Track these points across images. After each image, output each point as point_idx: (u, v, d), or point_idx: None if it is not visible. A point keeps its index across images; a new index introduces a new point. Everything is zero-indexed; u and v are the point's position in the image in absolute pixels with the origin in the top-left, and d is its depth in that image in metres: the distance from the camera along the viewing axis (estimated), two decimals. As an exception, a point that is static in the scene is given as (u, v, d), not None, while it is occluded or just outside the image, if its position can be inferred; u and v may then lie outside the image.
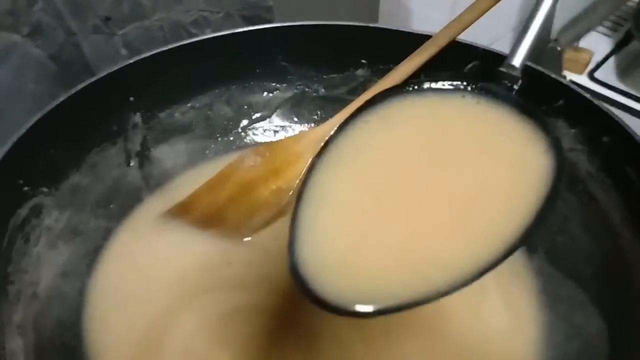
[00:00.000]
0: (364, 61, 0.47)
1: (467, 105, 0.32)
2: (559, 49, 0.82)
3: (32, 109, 0.38)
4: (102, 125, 0.42)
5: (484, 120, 0.32)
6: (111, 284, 0.38)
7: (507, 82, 0.34)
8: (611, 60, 0.85)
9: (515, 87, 0.34)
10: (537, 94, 0.40)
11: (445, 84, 0.33)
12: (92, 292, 0.38)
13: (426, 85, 0.33)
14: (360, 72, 0.47)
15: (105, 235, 0.41)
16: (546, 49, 0.82)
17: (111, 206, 0.42)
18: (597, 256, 0.36)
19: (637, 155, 0.34)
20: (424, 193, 0.29)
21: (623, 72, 0.83)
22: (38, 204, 0.37)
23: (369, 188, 0.30)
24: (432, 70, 0.44)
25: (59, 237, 0.38)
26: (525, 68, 0.40)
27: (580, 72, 0.83)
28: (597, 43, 0.88)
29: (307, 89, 0.48)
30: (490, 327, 0.36)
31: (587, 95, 0.38)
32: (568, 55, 0.83)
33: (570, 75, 0.83)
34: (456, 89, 0.33)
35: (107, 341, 0.35)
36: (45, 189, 0.37)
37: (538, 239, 0.40)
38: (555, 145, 0.29)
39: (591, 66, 0.84)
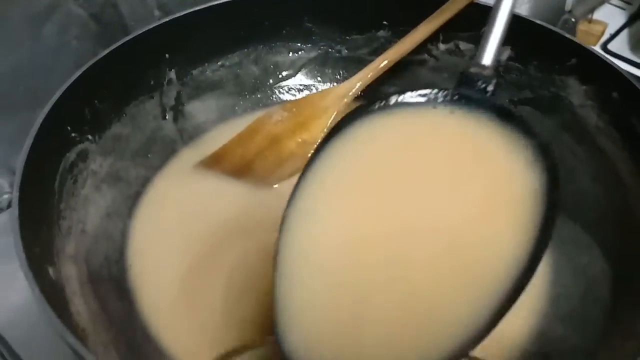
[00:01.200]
0: (385, 23, 0.49)
1: (440, 116, 0.29)
2: (573, 20, 0.82)
3: (76, 64, 0.41)
4: (140, 79, 0.44)
5: (460, 132, 0.28)
6: (151, 226, 0.42)
7: (480, 83, 0.30)
8: (624, 32, 0.86)
9: (490, 88, 0.30)
10: (550, 53, 0.43)
11: (414, 96, 0.29)
12: (134, 233, 0.41)
13: (393, 100, 0.29)
14: (381, 33, 0.49)
15: (144, 182, 0.44)
16: (560, 21, 0.83)
17: (149, 156, 0.45)
18: (603, 203, 0.39)
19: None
20: (410, 242, 0.26)
21: (636, 44, 0.84)
22: (84, 150, 0.40)
23: (350, 247, 0.26)
24: (450, 31, 0.46)
25: (103, 181, 0.41)
26: (538, 28, 0.43)
27: (594, 44, 0.84)
28: (611, 15, 0.88)
29: (330, 50, 0.51)
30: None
31: (599, 53, 0.40)
32: (582, 27, 0.84)
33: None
34: (426, 101, 0.29)
35: (150, 276, 0.38)
36: (90, 137, 0.40)
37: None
38: (544, 151, 0.26)
39: (605, 38, 0.85)
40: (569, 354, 0.31)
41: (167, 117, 0.46)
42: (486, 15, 0.44)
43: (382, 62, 0.44)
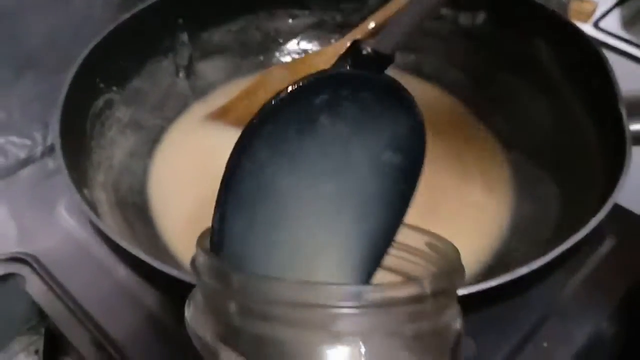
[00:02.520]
0: (375, -10, 0.54)
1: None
2: (564, 0, 0.87)
3: (100, 30, 0.48)
4: (156, 41, 0.50)
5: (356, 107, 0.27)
6: (168, 166, 0.48)
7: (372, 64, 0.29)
8: (616, 10, 0.89)
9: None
10: (520, 17, 0.49)
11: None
12: (153, 171, 0.47)
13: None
14: (371, 1, 0.55)
15: (161, 130, 0.50)
16: (553, 0, 0.88)
17: (164, 108, 0.51)
18: (563, 146, 0.45)
19: (596, 60, 0.42)
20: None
21: (627, 22, 0.88)
22: (110, 99, 0.46)
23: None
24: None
25: (126, 126, 0.47)
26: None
27: (586, 21, 0.89)
28: None
29: (325, 17, 0.56)
30: (470, 199, 0.45)
31: (561, 15, 0.46)
32: (574, 6, 0.88)
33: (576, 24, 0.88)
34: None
35: (168, 203, 0.45)
36: (115, 88, 0.46)
37: (517, 137, 0.49)
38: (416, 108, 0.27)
39: (596, 16, 0.89)
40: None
41: (180, 75, 0.53)
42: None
43: (369, 25, 0.50)
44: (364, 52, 0.30)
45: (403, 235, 0.25)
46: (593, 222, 0.33)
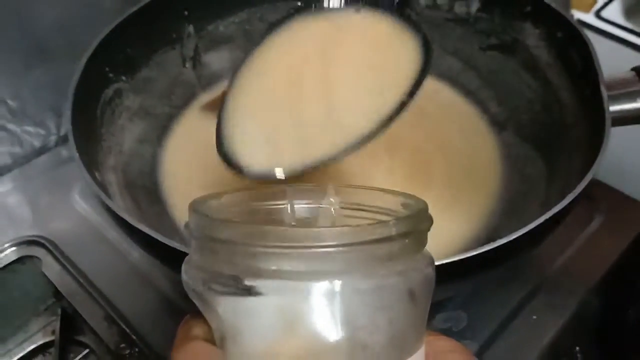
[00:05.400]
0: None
1: (361, 18, 0.38)
2: None
3: (108, 21, 0.50)
4: (164, 32, 0.53)
5: (371, 28, 0.37)
6: (176, 151, 0.50)
7: None
8: (616, 1, 0.90)
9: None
10: (507, 3, 0.50)
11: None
12: (163, 156, 0.50)
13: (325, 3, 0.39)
14: None
15: (169, 118, 0.53)
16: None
17: (172, 97, 0.54)
18: (550, 125, 0.47)
19: (579, 43, 0.44)
20: (320, 88, 0.36)
21: (628, 11, 0.89)
22: (119, 88, 0.48)
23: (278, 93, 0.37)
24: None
25: (135, 114, 0.50)
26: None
27: (587, 11, 0.89)
28: None
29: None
30: (461, 179, 0.47)
31: (546, 1, 0.47)
32: None
33: (577, 14, 0.89)
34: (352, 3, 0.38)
35: (177, 185, 0.48)
36: (124, 78, 0.49)
37: (508, 118, 0.51)
38: (425, 38, 0.36)
39: (598, 5, 0.89)
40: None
41: (187, 66, 0.55)
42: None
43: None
44: None
45: (382, 200, 0.27)
46: (568, 199, 0.34)
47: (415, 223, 0.22)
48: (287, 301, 0.21)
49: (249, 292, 0.21)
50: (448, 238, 0.43)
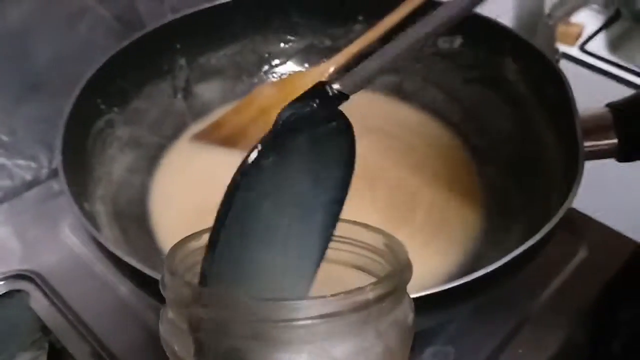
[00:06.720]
0: (360, 18, 0.58)
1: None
2: (550, 23, 0.90)
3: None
4: (156, 65, 0.54)
5: None
6: (166, 181, 0.51)
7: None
8: (602, 34, 0.92)
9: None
10: (491, 39, 0.52)
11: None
12: (152, 185, 0.51)
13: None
14: (357, 27, 0.58)
15: (160, 148, 0.54)
16: (539, 24, 0.90)
17: (162, 127, 0.55)
18: (528, 159, 0.48)
19: (555, 79, 0.45)
20: None
21: (613, 45, 0.91)
22: (111, 119, 0.50)
23: None
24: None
25: (126, 144, 0.51)
26: (482, 18, 0.52)
27: (572, 44, 0.92)
28: (589, 18, 0.95)
29: (315, 41, 0.60)
30: (443, 211, 0.48)
31: (525, 38, 0.49)
32: (560, 29, 0.91)
33: (562, 47, 0.91)
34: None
35: (166, 216, 0.48)
36: (115, 109, 0.50)
37: (489, 150, 0.52)
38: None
39: (582, 39, 0.92)
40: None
41: (178, 96, 0.56)
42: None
43: (354, 49, 0.54)
44: (330, 93, 0.32)
45: (367, 237, 0.28)
46: (544, 230, 0.35)
47: (396, 283, 0.23)
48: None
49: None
50: (430, 269, 0.44)
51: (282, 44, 0.60)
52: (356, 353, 0.22)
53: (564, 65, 0.85)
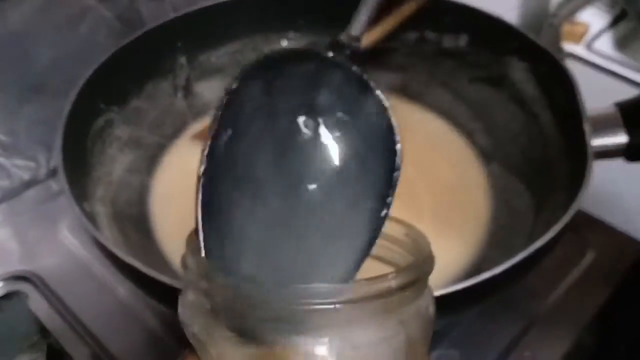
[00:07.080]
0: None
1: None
2: (555, 22, 0.89)
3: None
4: (156, 63, 0.53)
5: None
6: (166, 181, 0.51)
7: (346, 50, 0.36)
8: (608, 33, 0.91)
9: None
10: (497, 38, 0.51)
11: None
12: (152, 185, 0.50)
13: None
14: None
15: (160, 148, 0.53)
16: (544, 23, 0.89)
17: (163, 126, 0.54)
18: (535, 158, 0.47)
19: (563, 78, 0.45)
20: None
21: (619, 43, 0.90)
22: (110, 119, 0.49)
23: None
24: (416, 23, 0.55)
25: (126, 144, 0.50)
26: (488, 17, 0.51)
27: (578, 43, 0.90)
28: (594, 17, 0.94)
29: (316, 39, 0.59)
30: (449, 211, 0.47)
31: (532, 37, 0.48)
32: (565, 28, 0.90)
33: (568, 46, 0.90)
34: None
35: (166, 216, 0.48)
36: (115, 108, 0.49)
37: (496, 150, 0.51)
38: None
39: (588, 38, 0.90)
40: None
41: (178, 95, 0.55)
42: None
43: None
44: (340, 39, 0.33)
45: (388, 227, 0.28)
46: (552, 232, 0.35)
47: (418, 272, 0.23)
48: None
49: (246, 340, 0.21)
50: (435, 271, 0.42)
51: (284, 42, 0.59)
52: (378, 342, 0.22)
53: (570, 64, 0.84)
